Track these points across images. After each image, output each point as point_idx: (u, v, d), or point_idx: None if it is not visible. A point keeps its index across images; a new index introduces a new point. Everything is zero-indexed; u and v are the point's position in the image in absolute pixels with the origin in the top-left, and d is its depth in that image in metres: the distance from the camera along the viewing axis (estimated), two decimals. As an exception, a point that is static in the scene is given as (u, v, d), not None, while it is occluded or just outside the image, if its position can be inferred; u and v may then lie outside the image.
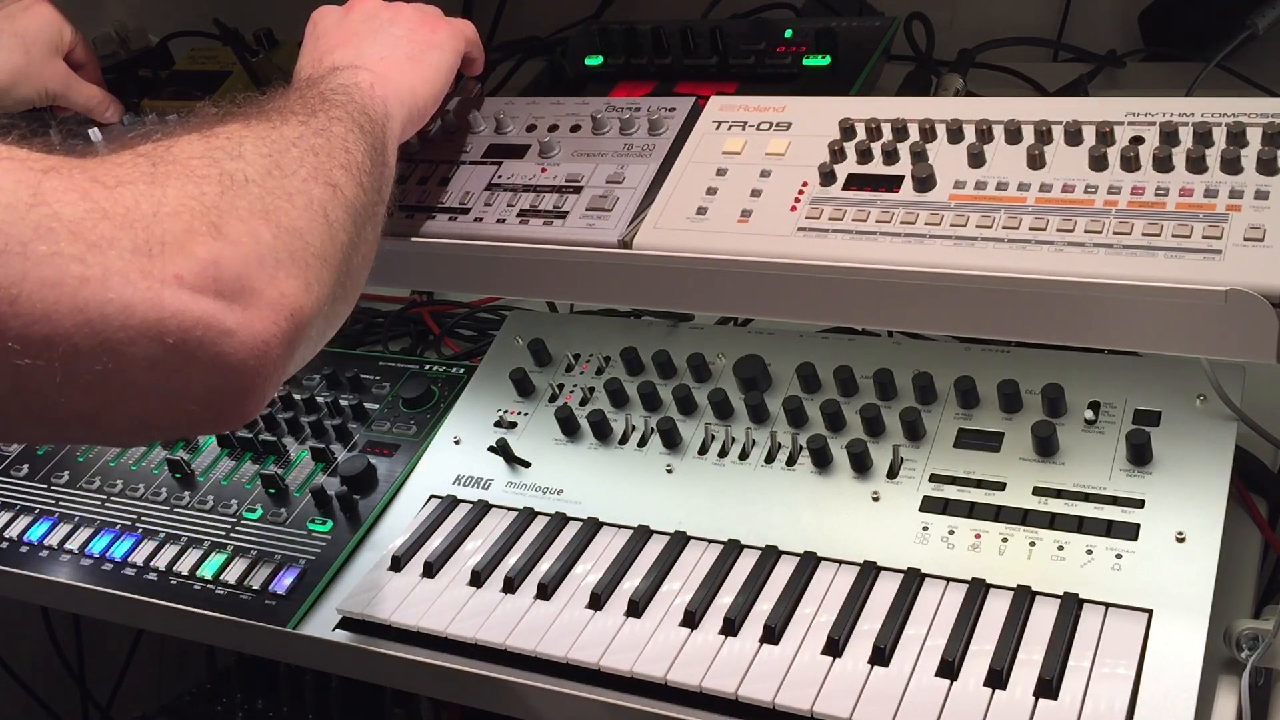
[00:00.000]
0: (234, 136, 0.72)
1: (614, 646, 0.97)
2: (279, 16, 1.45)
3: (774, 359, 1.17)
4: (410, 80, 0.92)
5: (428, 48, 0.95)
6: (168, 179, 0.67)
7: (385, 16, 0.97)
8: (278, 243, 0.68)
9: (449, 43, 0.98)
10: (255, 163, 0.71)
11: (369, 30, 0.95)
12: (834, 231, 0.83)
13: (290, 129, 0.76)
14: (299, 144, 0.75)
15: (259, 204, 0.69)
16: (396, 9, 0.98)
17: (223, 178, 0.68)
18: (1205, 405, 1.01)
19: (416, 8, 0.99)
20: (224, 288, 0.65)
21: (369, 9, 0.98)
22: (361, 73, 0.89)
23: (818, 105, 0.92)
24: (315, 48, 0.95)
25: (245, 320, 0.65)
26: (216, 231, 0.65)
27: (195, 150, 0.70)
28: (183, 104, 1.29)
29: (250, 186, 0.69)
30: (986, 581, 0.95)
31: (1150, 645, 0.88)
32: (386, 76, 0.90)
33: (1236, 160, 0.77)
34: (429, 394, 1.29)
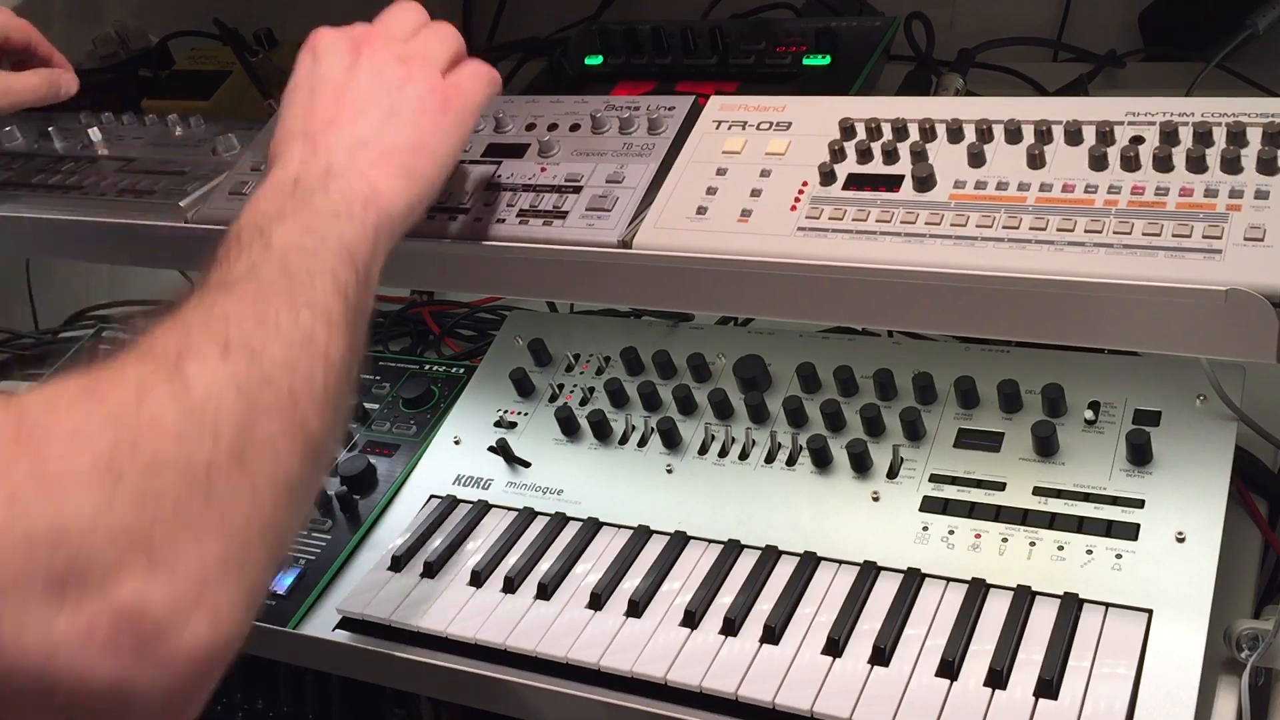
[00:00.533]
0: (211, 394, 0.59)
1: (614, 646, 0.97)
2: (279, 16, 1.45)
3: (774, 359, 1.17)
4: (409, 183, 0.80)
5: (436, 133, 0.83)
6: (123, 475, 0.53)
7: (393, 79, 0.83)
8: (227, 558, 0.56)
9: (461, 124, 0.85)
10: (227, 440, 0.58)
11: (374, 100, 0.82)
12: (834, 231, 0.83)
13: (270, 355, 0.63)
14: (278, 383, 0.63)
15: (217, 509, 0.56)
16: (407, 70, 0.84)
17: (186, 473, 0.56)
18: (1205, 405, 1.01)
19: (427, 67, 0.85)
20: (144, 635, 0.52)
21: (377, 64, 0.84)
22: (357, 185, 0.77)
23: (818, 105, 0.92)
24: (310, 110, 0.82)
25: (162, 669, 0.53)
26: (152, 563, 0.52)
27: (166, 423, 0.56)
28: (183, 104, 1.29)
29: (215, 481, 0.57)
30: (986, 581, 0.95)
31: (1150, 645, 0.88)
32: (384, 185, 0.78)
33: (1236, 160, 0.77)
34: (429, 394, 1.29)
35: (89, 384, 0.57)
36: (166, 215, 1.06)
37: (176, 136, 1.19)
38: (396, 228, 0.80)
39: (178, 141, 1.18)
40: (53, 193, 1.13)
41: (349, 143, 0.79)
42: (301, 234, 0.72)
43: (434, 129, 0.83)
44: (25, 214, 1.13)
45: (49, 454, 0.52)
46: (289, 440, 0.62)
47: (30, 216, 1.12)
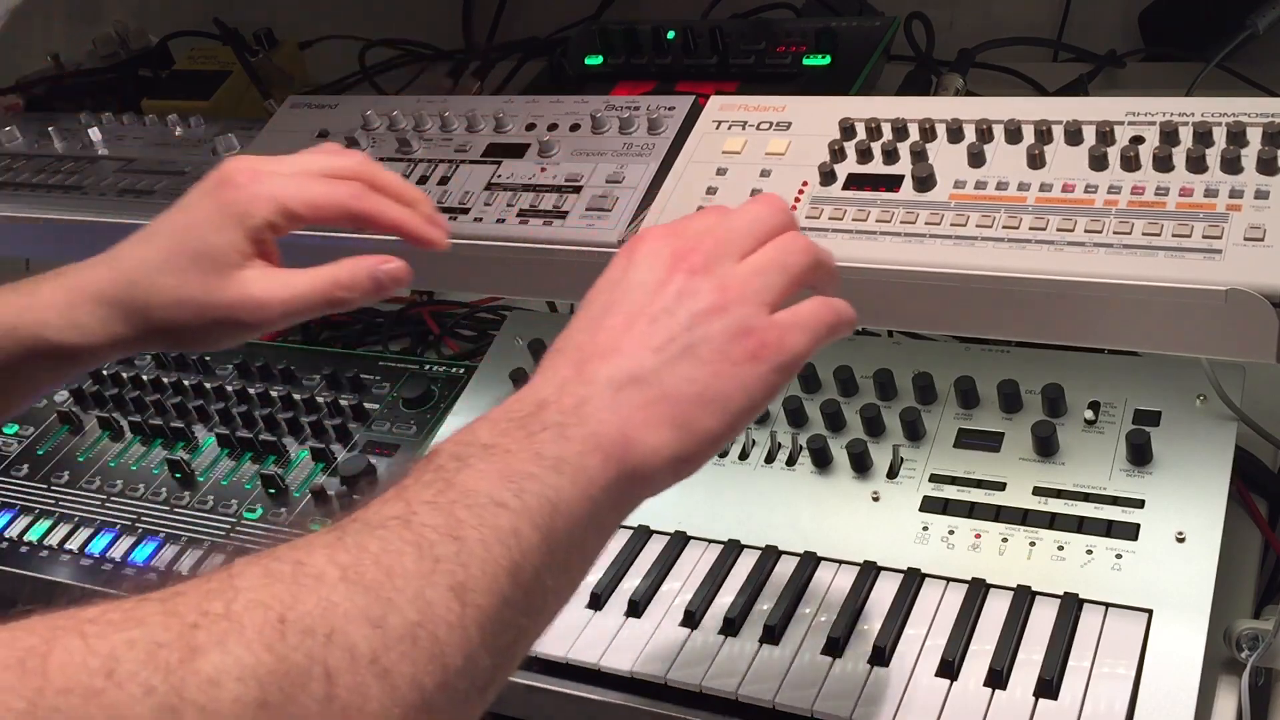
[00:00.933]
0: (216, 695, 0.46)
1: (614, 646, 0.97)
2: (279, 16, 1.45)
3: (774, 359, 1.16)
4: (676, 437, 0.63)
5: (731, 384, 0.64)
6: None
7: (702, 307, 0.65)
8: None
9: (763, 381, 0.65)
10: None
11: (669, 332, 0.65)
12: (834, 231, 0.83)
13: (338, 653, 0.48)
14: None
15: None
16: (725, 297, 0.66)
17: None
18: (1205, 405, 1.01)
19: (754, 299, 0.66)
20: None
21: (692, 286, 0.66)
22: (606, 429, 0.62)
23: (818, 105, 0.92)
24: (596, 327, 0.66)
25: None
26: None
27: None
28: (183, 104, 1.29)
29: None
30: (986, 581, 0.95)
31: (1150, 645, 0.88)
32: (639, 438, 0.63)
33: (1236, 160, 0.77)
34: (429, 394, 1.29)
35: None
36: (166, 215, 1.05)
37: (176, 136, 1.19)
38: (644, 487, 0.65)
39: (178, 141, 1.18)
40: (53, 193, 1.14)
41: (621, 377, 0.63)
42: (498, 484, 0.58)
43: (732, 380, 0.65)
44: (25, 214, 1.13)
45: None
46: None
47: (30, 216, 1.13)
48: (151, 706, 0.44)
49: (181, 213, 0.79)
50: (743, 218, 0.70)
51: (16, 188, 1.16)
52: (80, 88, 1.42)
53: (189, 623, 0.47)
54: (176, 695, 0.44)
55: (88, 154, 1.19)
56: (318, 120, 1.08)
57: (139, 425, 1.34)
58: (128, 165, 1.15)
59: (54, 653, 0.44)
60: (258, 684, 0.46)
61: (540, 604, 0.58)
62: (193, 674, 0.45)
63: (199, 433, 1.32)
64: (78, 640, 0.44)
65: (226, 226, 0.76)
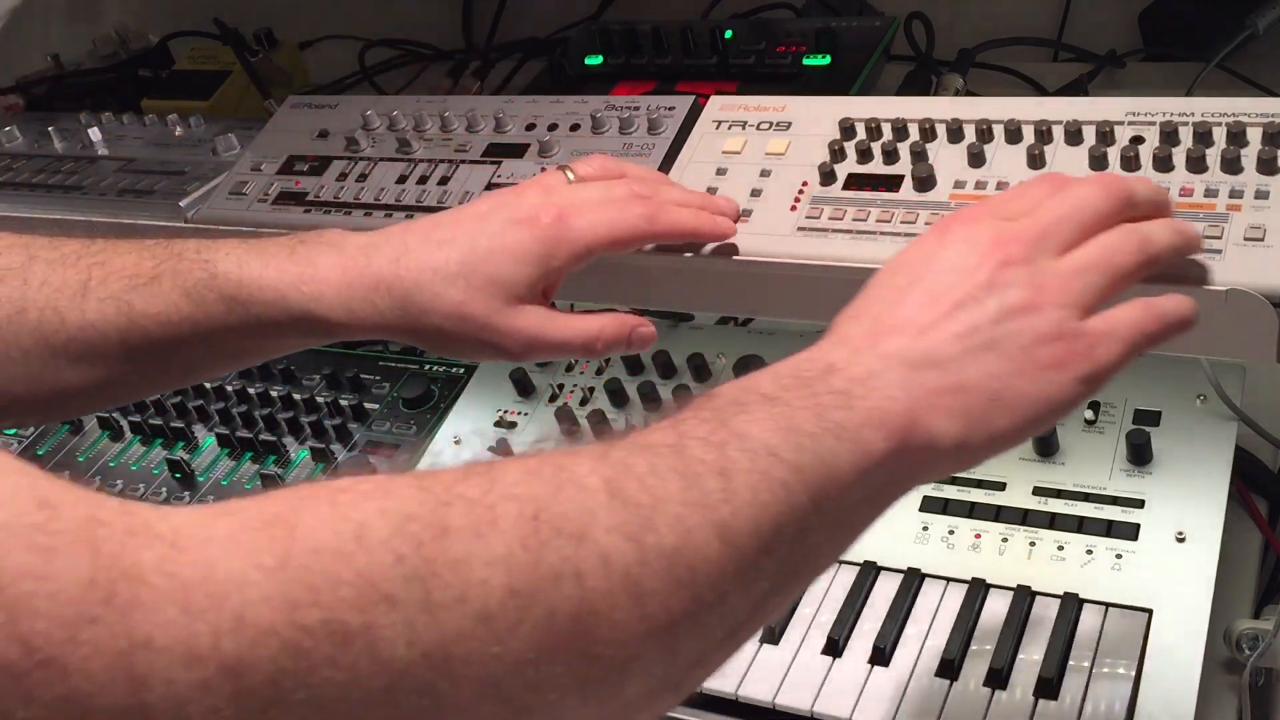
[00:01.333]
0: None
1: (614, 646, 0.97)
2: (279, 16, 1.45)
3: (774, 359, 1.16)
4: (963, 428, 0.59)
5: (1031, 388, 0.60)
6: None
7: (1013, 303, 0.61)
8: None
9: (1065, 391, 0.60)
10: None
11: (974, 323, 0.61)
12: (834, 231, 0.83)
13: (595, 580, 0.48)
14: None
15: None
16: (1039, 297, 0.61)
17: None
18: (1205, 405, 1.01)
19: (1069, 303, 0.61)
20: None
21: (1005, 278, 0.62)
22: (893, 406, 0.58)
23: (818, 105, 0.92)
24: (902, 299, 0.63)
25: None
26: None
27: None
28: (183, 104, 1.29)
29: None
30: (986, 581, 0.95)
31: (1150, 645, 0.88)
32: (925, 424, 0.59)
33: (1236, 160, 0.77)
34: (429, 394, 1.29)
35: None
36: (166, 215, 1.06)
37: (176, 136, 1.19)
38: (922, 472, 0.60)
39: (178, 141, 1.18)
40: (53, 193, 1.13)
41: (917, 357, 0.60)
42: (775, 434, 0.55)
43: (1032, 383, 0.60)
44: (25, 214, 1.13)
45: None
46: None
47: (30, 216, 1.13)
48: (402, 574, 0.44)
49: (482, 233, 0.76)
50: (1073, 203, 0.65)
51: (16, 188, 1.16)
52: (80, 88, 1.42)
53: (442, 500, 0.47)
54: (426, 567, 0.44)
55: (88, 154, 1.19)
56: (318, 120, 1.08)
57: (139, 425, 1.34)
58: (128, 165, 1.15)
59: (302, 518, 0.44)
60: (506, 571, 0.46)
61: (799, 564, 0.56)
62: (442, 551, 0.45)
63: (199, 433, 1.32)
64: (327, 507, 0.45)
65: (529, 262, 0.76)
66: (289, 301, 0.76)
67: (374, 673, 0.42)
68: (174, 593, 0.40)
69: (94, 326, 0.76)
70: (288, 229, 0.99)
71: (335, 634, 0.42)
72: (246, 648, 0.40)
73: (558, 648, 0.47)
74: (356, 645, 0.42)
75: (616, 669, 0.49)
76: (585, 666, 0.48)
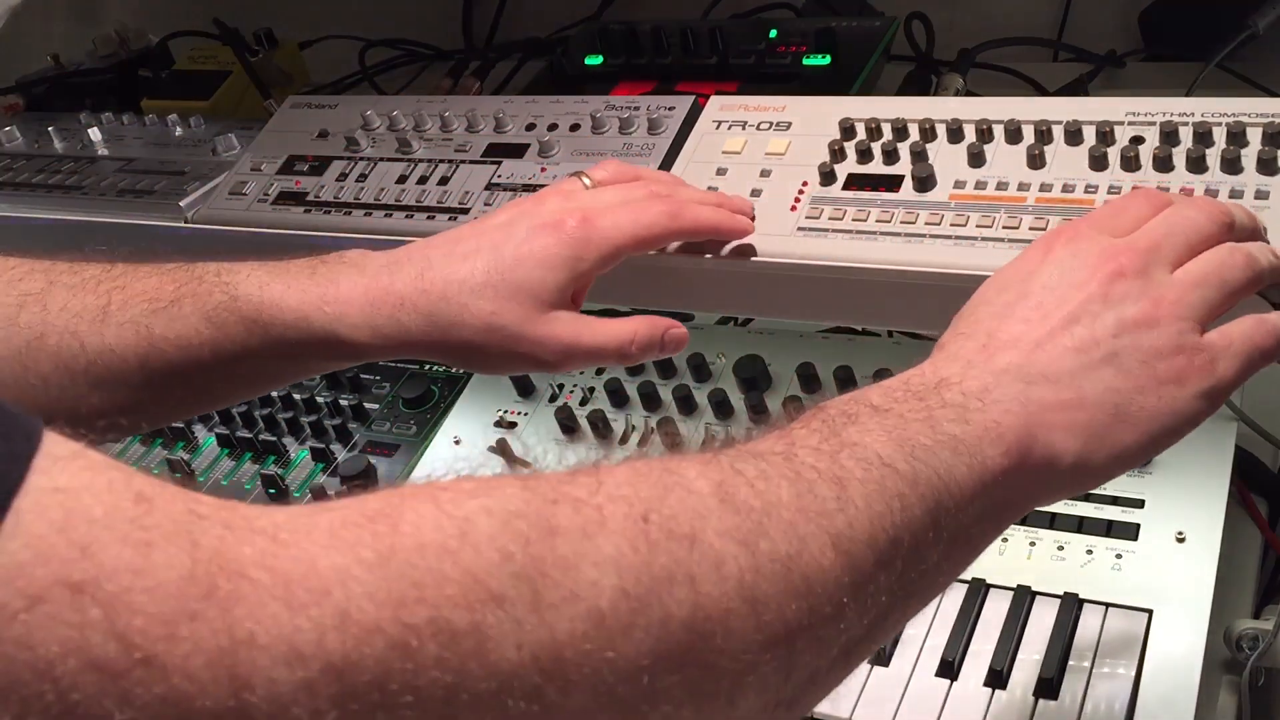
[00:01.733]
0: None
1: (614, 646, 0.97)
2: (279, 16, 1.45)
3: (774, 359, 1.17)
4: (1082, 445, 0.58)
5: (1154, 403, 0.59)
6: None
7: (1133, 317, 0.60)
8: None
9: (1190, 405, 0.60)
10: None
11: (1091, 338, 0.59)
12: (834, 231, 0.83)
13: (709, 584, 0.47)
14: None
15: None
16: (1157, 311, 0.60)
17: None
18: (1205, 405, 1.00)
19: (1186, 317, 0.61)
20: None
21: (1120, 291, 0.61)
22: (1009, 421, 0.57)
23: (818, 105, 0.92)
24: (1013, 310, 0.62)
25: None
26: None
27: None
28: (183, 104, 1.29)
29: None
30: (986, 581, 0.95)
31: (1150, 645, 0.88)
32: (1044, 440, 0.58)
33: (1236, 160, 0.77)
34: (429, 394, 1.29)
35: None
36: (166, 215, 1.06)
37: (176, 136, 1.19)
38: (1042, 491, 0.59)
39: (178, 141, 1.18)
40: (53, 193, 1.13)
41: (1034, 372, 0.59)
42: (889, 445, 0.54)
43: (1155, 398, 0.59)
44: (25, 214, 1.13)
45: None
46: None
47: (30, 216, 1.12)
48: (510, 572, 0.42)
49: (507, 241, 0.76)
50: (1181, 221, 0.64)
51: (16, 188, 1.16)
52: (80, 88, 1.42)
53: (548, 499, 0.45)
54: (535, 566, 0.43)
55: (88, 154, 1.19)
56: (318, 120, 1.08)
57: (139, 425, 1.34)
58: (128, 165, 1.15)
59: (405, 515, 0.43)
60: (617, 573, 0.44)
61: (916, 580, 0.54)
62: (550, 550, 0.44)
63: (199, 433, 1.32)
64: (429, 504, 0.43)
65: (557, 267, 0.75)
66: (312, 323, 0.75)
67: (482, 675, 0.41)
68: (275, 587, 0.38)
69: (113, 351, 0.75)
70: (288, 229, 0.99)
71: (442, 633, 0.40)
72: (351, 645, 0.38)
73: (673, 655, 0.45)
74: (465, 645, 0.40)
75: (732, 680, 0.47)
76: (700, 676, 0.46)
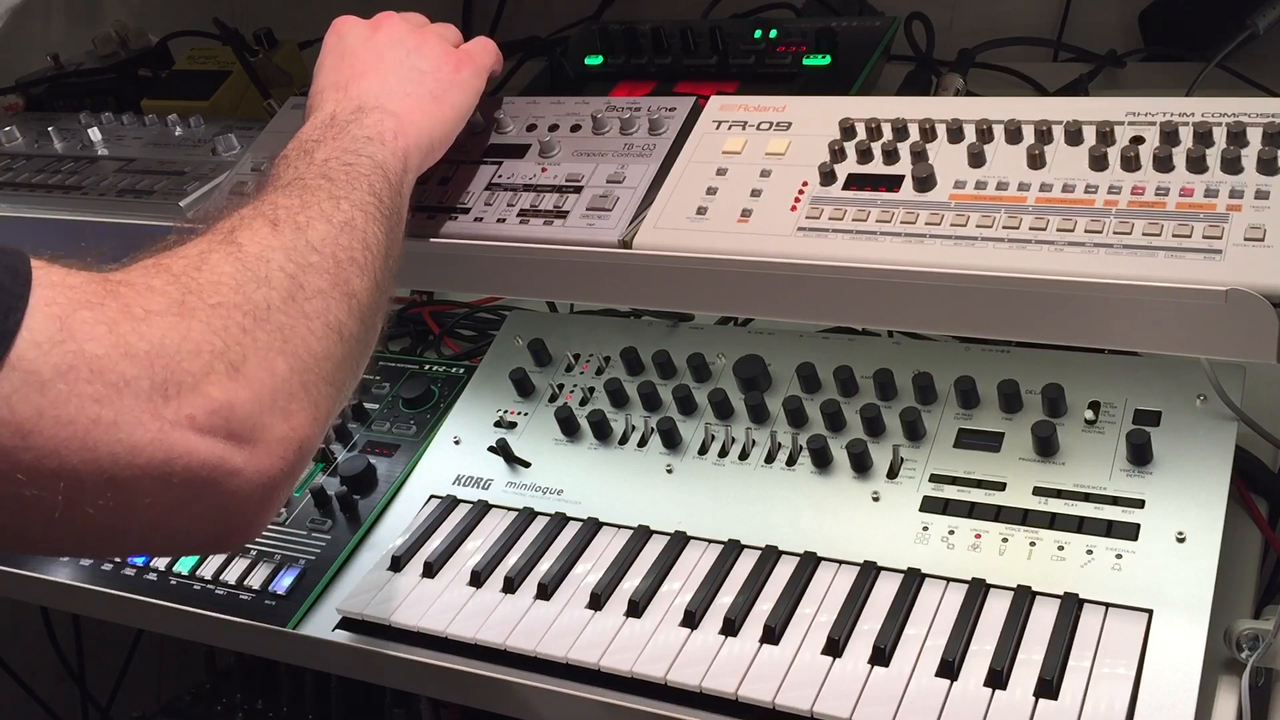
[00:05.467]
0: (262, 253, 0.72)
1: (614, 647, 0.97)
2: (279, 16, 1.45)
3: (774, 359, 1.17)
4: (431, 123, 0.91)
5: (451, 86, 0.94)
6: (195, 311, 0.66)
7: (410, 44, 0.95)
8: (292, 375, 0.69)
9: (472, 81, 0.96)
10: (280, 285, 0.71)
11: (395, 60, 0.93)
12: (834, 231, 0.83)
13: (315, 231, 0.76)
14: (323, 250, 0.75)
15: (278, 335, 0.69)
16: (421, 37, 0.96)
17: (248, 309, 0.68)
18: (1205, 405, 1.00)
19: (440, 38, 0.97)
20: (235, 429, 0.65)
21: (395, 34, 0.95)
22: (386, 119, 0.88)
23: (818, 105, 0.92)
24: (340, 68, 0.93)
25: (253, 459, 0.66)
26: (234, 372, 0.66)
27: (225, 274, 0.69)
28: (183, 104, 1.29)
29: (273, 315, 0.69)
30: (986, 581, 0.95)
31: (1150, 645, 0.88)
32: (409, 120, 0.89)
33: (1237, 160, 0.77)
34: (429, 394, 1.29)
35: (158, 259, 0.70)
36: (166, 215, 1.05)
37: (176, 136, 1.19)
38: (420, 159, 0.90)
39: (178, 141, 1.18)
40: (53, 193, 1.13)
41: (377, 89, 0.90)
42: (340, 153, 0.83)
43: (450, 83, 0.94)
44: (25, 214, 1.13)
45: (132, 299, 0.65)
46: (336, 293, 0.74)
47: (30, 216, 1.12)
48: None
49: None
50: (399, 14, 0.98)
51: (16, 188, 1.16)
52: (80, 88, 1.42)
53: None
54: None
55: (88, 154, 1.19)
56: (318, 120, 1.08)
57: (139, 425, 1.34)
58: (128, 165, 1.15)
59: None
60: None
61: (394, 226, 0.83)
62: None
63: (199, 433, 1.32)
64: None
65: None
66: None
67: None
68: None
69: None
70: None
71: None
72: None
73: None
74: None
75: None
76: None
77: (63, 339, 0.60)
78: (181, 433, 0.63)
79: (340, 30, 0.97)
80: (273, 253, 0.72)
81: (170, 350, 0.64)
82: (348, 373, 0.75)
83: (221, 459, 0.65)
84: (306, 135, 0.87)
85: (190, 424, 0.63)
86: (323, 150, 0.84)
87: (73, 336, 0.61)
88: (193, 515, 0.66)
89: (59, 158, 1.19)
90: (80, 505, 0.62)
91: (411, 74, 0.93)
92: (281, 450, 0.68)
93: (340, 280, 0.75)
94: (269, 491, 0.68)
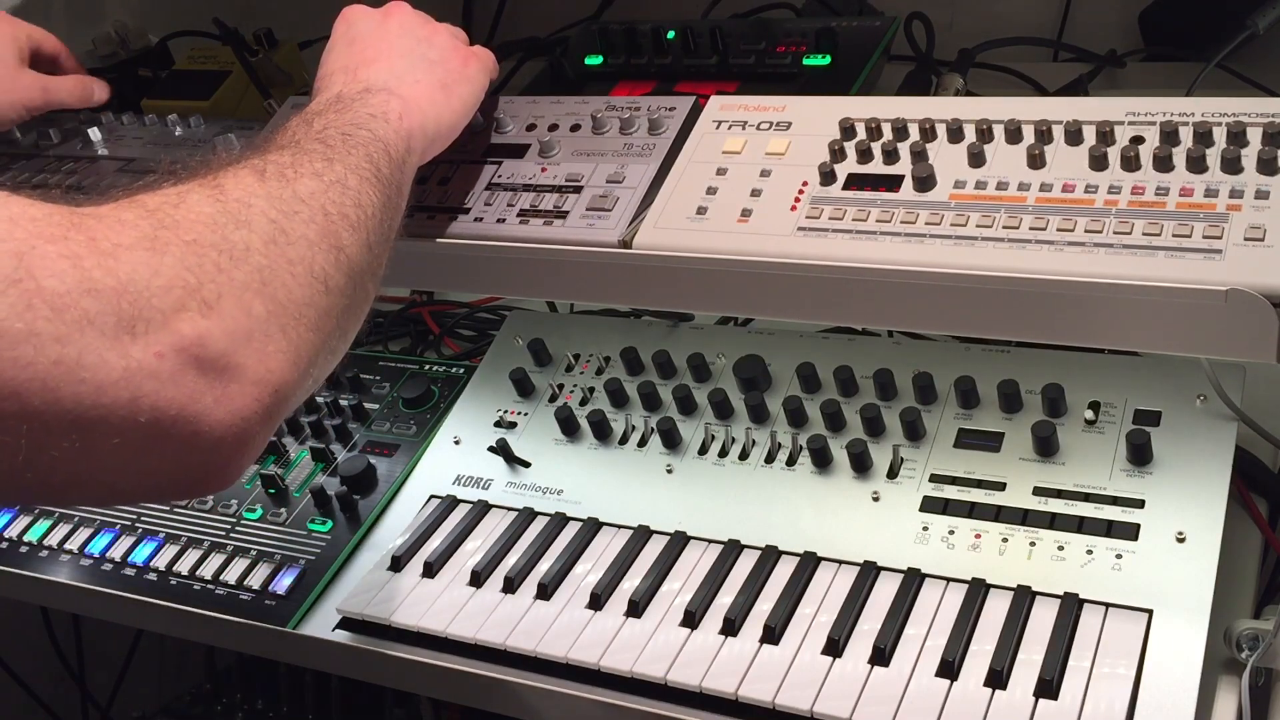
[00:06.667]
0: (245, 198, 0.70)
1: (614, 646, 0.97)
2: (279, 16, 1.45)
3: (774, 359, 1.17)
4: (437, 110, 0.91)
5: (460, 79, 0.94)
6: (168, 246, 0.64)
7: (421, 34, 0.95)
8: (270, 317, 0.66)
9: (478, 77, 0.97)
10: (261, 229, 0.69)
11: (405, 48, 0.94)
12: (834, 231, 0.83)
13: (304, 184, 0.74)
14: (310, 202, 0.73)
15: (256, 276, 0.66)
16: (432, 29, 0.97)
17: (225, 248, 0.66)
18: (1205, 405, 1.01)
19: (450, 33, 0.98)
20: (206, 365, 0.63)
21: (406, 23, 0.96)
22: (392, 100, 0.87)
23: (818, 105, 0.92)
24: (349, 53, 0.93)
25: (225, 397, 0.63)
26: (207, 309, 0.63)
27: (203, 214, 0.67)
28: (183, 104, 1.29)
29: (251, 256, 0.67)
30: (986, 581, 0.95)
31: (1150, 645, 0.88)
32: (415, 105, 0.89)
33: (1237, 160, 0.77)
34: (429, 394, 1.29)
35: (133, 195, 0.67)
36: (166, 215, 1.05)
37: (176, 136, 1.19)
38: (424, 145, 0.89)
39: (178, 141, 1.18)
40: (52, 193, 1.13)
41: (385, 74, 0.90)
42: (341, 124, 0.83)
43: (459, 75, 0.94)
44: (25, 214, 1.13)
45: (100, 232, 0.62)
46: (323, 244, 0.72)
47: (30, 216, 1.12)
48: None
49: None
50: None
51: (16, 188, 1.15)
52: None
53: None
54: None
55: (88, 154, 1.19)
56: (318, 120, 1.08)
57: (139, 425, 1.34)
58: (128, 165, 1.15)
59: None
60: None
61: (391, 195, 0.81)
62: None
63: (199, 433, 1.32)
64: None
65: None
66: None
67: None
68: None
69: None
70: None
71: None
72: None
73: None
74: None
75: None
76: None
77: (19, 276, 0.57)
78: (149, 371, 0.60)
79: (350, 18, 0.97)
80: (255, 198, 0.70)
81: (139, 285, 0.61)
82: (333, 325, 0.72)
83: (191, 397, 0.61)
84: (311, 108, 0.86)
85: (159, 359, 0.60)
86: (323, 120, 0.83)
87: (30, 274, 0.58)
88: (163, 457, 0.62)
89: (59, 158, 1.19)
90: (45, 449, 0.59)
91: (421, 62, 0.93)
92: (256, 392, 0.64)
93: (329, 232, 0.73)
94: (242, 434, 0.64)
